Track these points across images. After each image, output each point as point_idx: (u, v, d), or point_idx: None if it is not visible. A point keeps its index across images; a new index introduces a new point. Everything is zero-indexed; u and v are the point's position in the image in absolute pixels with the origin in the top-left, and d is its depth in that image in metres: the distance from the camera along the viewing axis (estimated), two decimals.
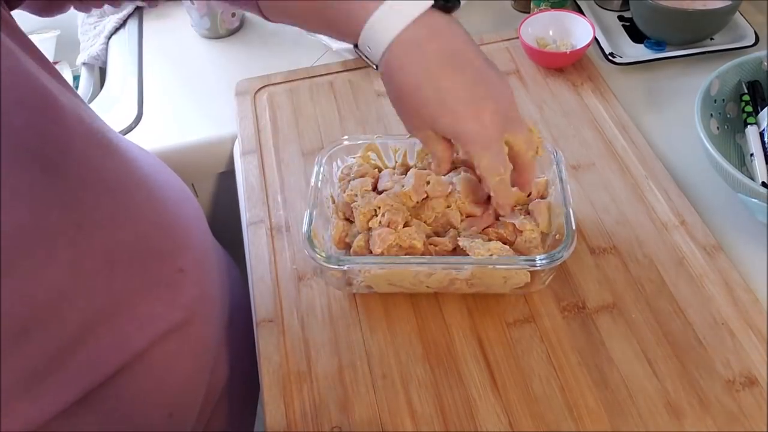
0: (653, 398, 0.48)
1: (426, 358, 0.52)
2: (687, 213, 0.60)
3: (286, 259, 0.60)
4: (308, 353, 0.53)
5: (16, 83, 0.39)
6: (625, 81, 0.75)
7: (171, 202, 0.52)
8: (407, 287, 0.54)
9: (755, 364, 0.50)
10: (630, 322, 0.53)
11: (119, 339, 0.45)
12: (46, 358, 0.41)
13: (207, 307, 0.53)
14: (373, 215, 0.53)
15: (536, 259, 0.49)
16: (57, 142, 0.40)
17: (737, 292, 0.54)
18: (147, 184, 0.50)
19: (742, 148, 0.64)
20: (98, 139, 0.45)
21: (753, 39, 0.75)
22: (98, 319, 0.43)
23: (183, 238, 0.51)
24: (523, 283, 0.52)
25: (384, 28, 0.43)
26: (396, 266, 0.50)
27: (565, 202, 0.51)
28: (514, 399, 0.49)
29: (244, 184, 0.67)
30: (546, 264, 0.48)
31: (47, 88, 0.41)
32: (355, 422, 0.49)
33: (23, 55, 0.41)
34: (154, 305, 0.47)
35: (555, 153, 0.55)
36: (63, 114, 0.42)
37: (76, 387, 0.43)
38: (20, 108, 0.38)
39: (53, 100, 0.41)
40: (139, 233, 0.47)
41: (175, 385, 0.50)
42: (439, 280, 0.52)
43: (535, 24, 0.77)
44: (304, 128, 0.72)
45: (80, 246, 0.41)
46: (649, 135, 0.68)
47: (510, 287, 0.53)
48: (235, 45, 0.88)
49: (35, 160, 0.38)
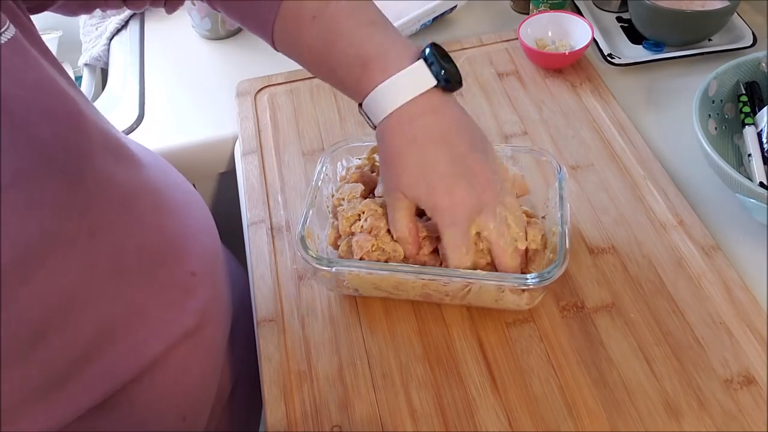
0: (652, 397, 0.49)
1: (426, 357, 0.52)
2: (685, 213, 0.60)
3: (287, 259, 0.60)
4: (308, 353, 0.53)
5: (43, 95, 0.40)
6: (623, 82, 0.75)
7: (180, 206, 0.53)
8: (394, 293, 0.54)
9: (753, 364, 0.50)
10: (629, 321, 0.53)
11: (135, 345, 0.45)
12: (64, 365, 0.41)
13: (218, 309, 0.54)
14: (356, 219, 0.53)
15: (527, 278, 0.48)
16: (79, 151, 0.41)
17: (735, 292, 0.54)
18: (157, 190, 0.50)
19: (740, 148, 0.65)
20: (113, 147, 0.46)
21: (751, 40, 0.76)
22: (113, 325, 0.43)
23: (193, 242, 0.52)
24: (515, 305, 0.52)
25: (386, 99, 0.46)
26: (380, 273, 0.50)
27: (562, 221, 0.50)
28: (513, 398, 0.49)
29: (244, 184, 0.68)
30: (536, 283, 0.47)
31: (69, 96, 0.42)
32: (355, 422, 0.49)
33: (46, 64, 0.42)
34: (168, 310, 0.48)
35: (559, 169, 0.54)
36: (85, 123, 0.43)
37: (94, 393, 0.43)
38: (47, 120, 0.39)
39: (76, 110, 0.42)
40: (149, 239, 0.47)
41: (189, 388, 0.51)
42: (428, 290, 0.51)
43: (535, 25, 0.77)
44: (305, 129, 0.72)
45: (91, 252, 0.42)
46: (648, 135, 0.68)
47: (501, 307, 0.53)
48: (236, 46, 0.88)
49: (60, 170, 0.39)
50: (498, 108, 0.72)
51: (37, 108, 0.39)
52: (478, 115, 0.72)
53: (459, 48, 0.81)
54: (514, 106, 0.73)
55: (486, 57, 0.79)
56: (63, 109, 0.41)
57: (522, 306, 0.53)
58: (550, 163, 0.55)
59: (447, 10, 0.84)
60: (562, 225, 0.50)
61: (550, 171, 0.55)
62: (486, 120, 0.71)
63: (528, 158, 0.57)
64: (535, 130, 0.70)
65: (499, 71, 0.77)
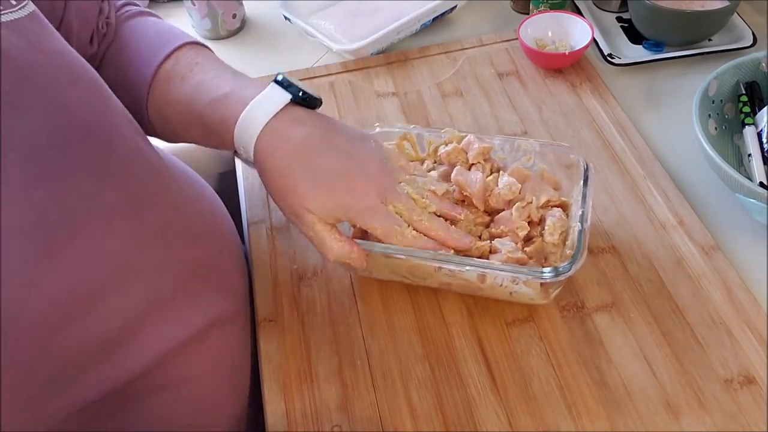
0: (652, 397, 0.49)
1: (426, 357, 0.52)
2: (685, 213, 0.60)
3: (287, 259, 0.60)
4: (308, 353, 0.53)
5: (66, 62, 0.42)
6: (623, 82, 0.75)
7: (202, 186, 0.55)
8: (409, 278, 0.54)
9: (753, 364, 0.50)
10: (629, 321, 0.53)
11: (181, 317, 0.47)
12: (115, 331, 0.42)
13: (243, 290, 0.56)
14: None
15: (544, 272, 0.47)
16: (105, 118, 0.43)
17: (735, 292, 0.54)
18: (180, 168, 0.53)
19: (740, 148, 0.65)
20: (135, 123, 0.48)
21: (751, 40, 0.76)
22: (160, 296, 0.45)
23: (219, 220, 0.54)
24: (529, 299, 0.52)
25: (252, 123, 0.47)
26: (397, 255, 0.50)
27: (583, 218, 0.50)
28: (513, 398, 0.49)
29: (244, 184, 0.68)
30: (551, 277, 0.47)
31: (89, 66, 0.44)
32: (355, 421, 0.49)
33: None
34: (207, 284, 0.50)
35: (585, 168, 0.53)
36: (108, 92, 0.45)
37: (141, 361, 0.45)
38: (73, 84, 0.41)
39: (98, 78, 0.44)
40: (185, 214, 0.49)
41: (231, 362, 0.53)
42: (444, 278, 0.52)
43: (535, 25, 0.77)
44: None
45: (135, 223, 0.43)
46: (648, 135, 0.68)
47: (515, 300, 0.53)
48: (236, 46, 0.88)
49: (91, 135, 0.41)
50: (498, 108, 0.72)
51: (63, 73, 0.41)
52: (478, 115, 0.72)
53: (459, 48, 0.81)
54: (514, 106, 0.73)
55: (486, 57, 0.79)
56: (87, 76, 0.43)
57: (536, 300, 0.52)
58: (577, 161, 0.54)
59: (447, 10, 0.84)
60: (582, 222, 0.50)
61: (576, 177, 0.54)
62: (486, 120, 0.71)
63: (551, 156, 0.57)
64: (535, 130, 0.70)
65: (499, 71, 0.77)
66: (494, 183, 0.54)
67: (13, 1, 0.41)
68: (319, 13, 0.86)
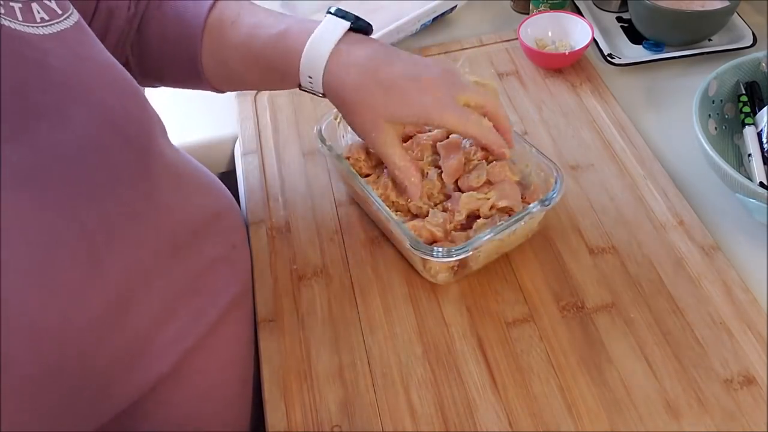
0: (652, 397, 0.49)
1: (426, 357, 0.52)
2: (685, 213, 0.60)
3: (287, 259, 0.60)
4: (308, 353, 0.53)
5: (107, 70, 0.43)
6: (623, 82, 0.75)
7: (212, 182, 0.56)
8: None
9: (753, 364, 0.50)
10: (629, 321, 0.53)
11: (196, 315, 0.48)
12: (142, 335, 0.43)
13: (251, 283, 0.58)
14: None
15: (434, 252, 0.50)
16: (141, 126, 0.44)
17: (735, 292, 0.54)
18: (194, 167, 0.54)
19: (740, 148, 0.65)
20: (162, 124, 0.49)
21: (751, 40, 0.76)
22: (175, 297, 0.46)
23: (230, 216, 0.56)
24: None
25: (317, 53, 0.50)
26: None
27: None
28: (513, 398, 0.49)
29: (244, 185, 0.68)
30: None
31: (128, 74, 0.45)
32: (355, 421, 0.49)
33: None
34: (218, 279, 0.51)
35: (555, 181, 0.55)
36: (144, 101, 0.46)
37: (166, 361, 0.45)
38: (113, 92, 0.42)
39: (136, 87, 0.45)
40: (196, 215, 0.50)
41: (243, 353, 0.54)
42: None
43: (535, 25, 0.77)
44: (305, 129, 0.72)
45: (155, 228, 0.44)
46: (648, 135, 0.68)
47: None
48: None
49: (130, 142, 0.42)
50: None
51: (104, 80, 0.42)
52: None
53: (459, 48, 0.81)
54: (514, 106, 0.73)
55: (486, 57, 0.79)
56: (126, 84, 0.44)
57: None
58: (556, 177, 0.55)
59: (447, 10, 0.84)
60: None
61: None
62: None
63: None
64: (535, 130, 0.70)
65: (499, 71, 0.77)
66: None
67: (59, 10, 0.41)
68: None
